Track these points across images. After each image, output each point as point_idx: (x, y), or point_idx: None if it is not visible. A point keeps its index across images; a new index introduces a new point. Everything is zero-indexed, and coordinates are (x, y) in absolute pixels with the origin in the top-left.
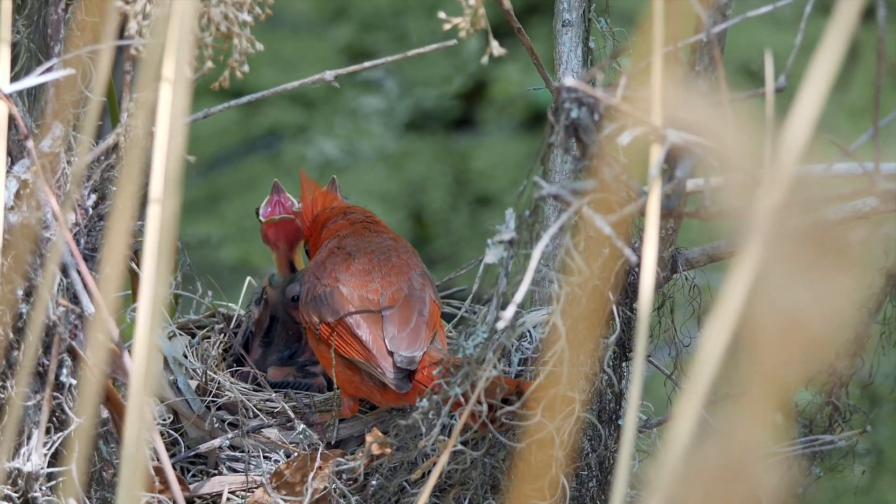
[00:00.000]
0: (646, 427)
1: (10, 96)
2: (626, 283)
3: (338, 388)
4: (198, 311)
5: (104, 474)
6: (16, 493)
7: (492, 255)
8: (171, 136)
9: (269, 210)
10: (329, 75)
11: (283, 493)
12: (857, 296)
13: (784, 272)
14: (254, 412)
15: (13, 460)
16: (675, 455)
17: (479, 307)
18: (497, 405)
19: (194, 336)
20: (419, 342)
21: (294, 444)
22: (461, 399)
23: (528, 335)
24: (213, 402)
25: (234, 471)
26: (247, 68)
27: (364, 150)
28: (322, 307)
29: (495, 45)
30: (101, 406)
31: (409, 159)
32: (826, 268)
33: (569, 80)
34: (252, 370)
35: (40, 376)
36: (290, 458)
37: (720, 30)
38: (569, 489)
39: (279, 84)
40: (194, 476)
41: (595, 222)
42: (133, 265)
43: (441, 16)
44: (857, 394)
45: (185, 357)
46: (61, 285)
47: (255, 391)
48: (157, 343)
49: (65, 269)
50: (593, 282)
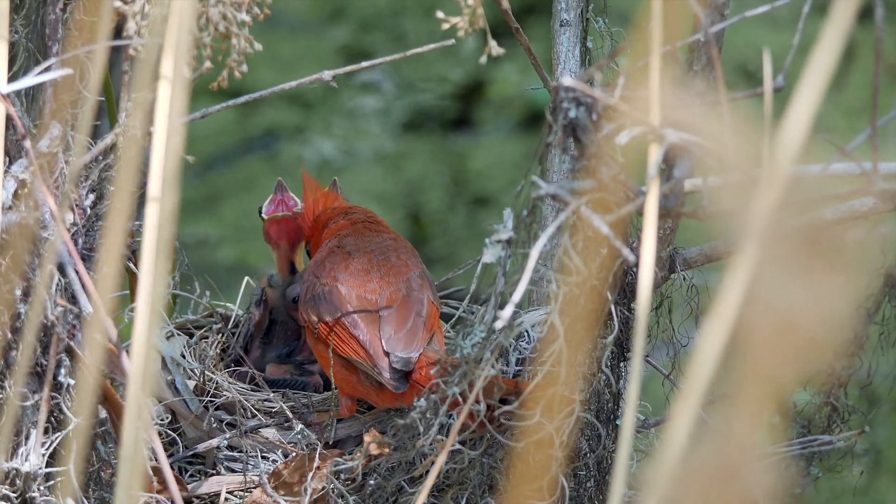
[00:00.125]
0: (644, 427)
1: (8, 96)
2: (624, 282)
3: (336, 387)
4: (196, 312)
5: (102, 474)
6: (14, 492)
7: (490, 254)
8: (169, 135)
9: (273, 208)
10: (327, 75)
11: (282, 492)
12: (853, 296)
13: (780, 272)
14: (252, 412)
15: (11, 460)
16: (673, 455)
17: (477, 307)
18: (495, 405)
19: (192, 336)
20: (416, 343)
21: (292, 443)
22: (459, 399)
23: (526, 335)
24: (211, 402)
25: (233, 471)
26: (245, 68)
27: (362, 151)
28: (321, 306)
29: (493, 44)
30: (100, 406)
31: (406, 159)
32: (822, 268)
33: (567, 80)
34: (250, 370)
35: (38, 376)
36: (288, 458)
37: (718, 30)
38: (567, 489)
39: (277, 84)
40: (192, 476)
41: (593, 222)
42: (131, 265)
43: (439, 15)
44: (855, 394)
45: (183, 357)
46: (59, 285)
47: (253, 391)
48: (155, 343)
49: (63, 269)
50: (591, 282)
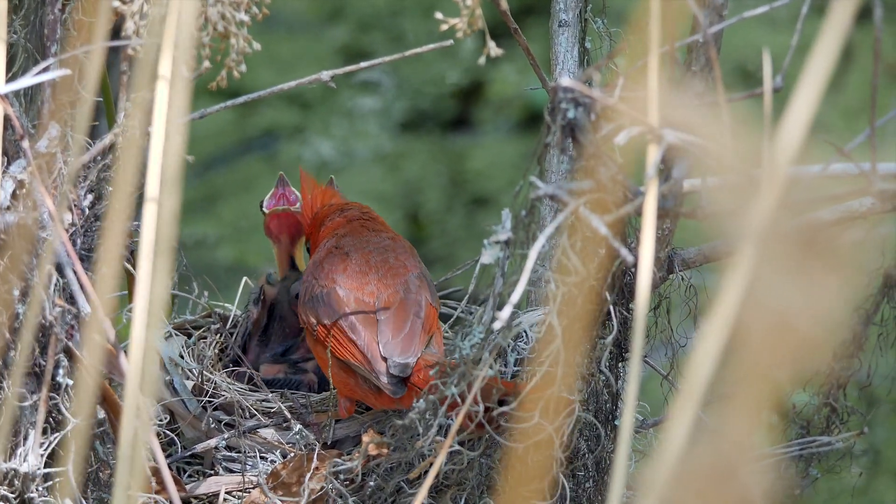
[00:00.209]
0: (642, 427)
1: (6, 96)
2: (622, 283)
3: (334, 388)
4: (194, 312)
5: (100, 475)
6: (12, 493)
7: (488, 255)
8: (170, 135)
9: (274, 202)
10: (325, 75)
11: (280, 493)
12: (851, 297)
13: (778, 272)
14: (250, 412)
15: (10, 461)
16: (672, 456)
17: (476, 307)
18: (493, 406)
19: (190, 336)
20: (413, 347)
21: (291, 444)
22: (458, 400)
23: (525, 335)
24: (210, 402)
25: (231, 471)
26: (244, 68)
27: (360, 151)
28: (319, 308)
29: (492, 45)
30: (98, 406)
31: (405, 160)
32: (820, 268)
33: (565, 81)
34: (249, 370)
35: (36, 377)
36: (286, 459)
37: (716, 30)
38: (566, 489)
39: (276, 84)
40: (191, 476)
41: (591, 222)
42: (128, 266)
43: (438, 16)
44: (854, 395)
45: (182, 357)
46: (57, 285)
47: (251, 391)
48: (155, 345)
49: (61, 270)
50: (590, 282)
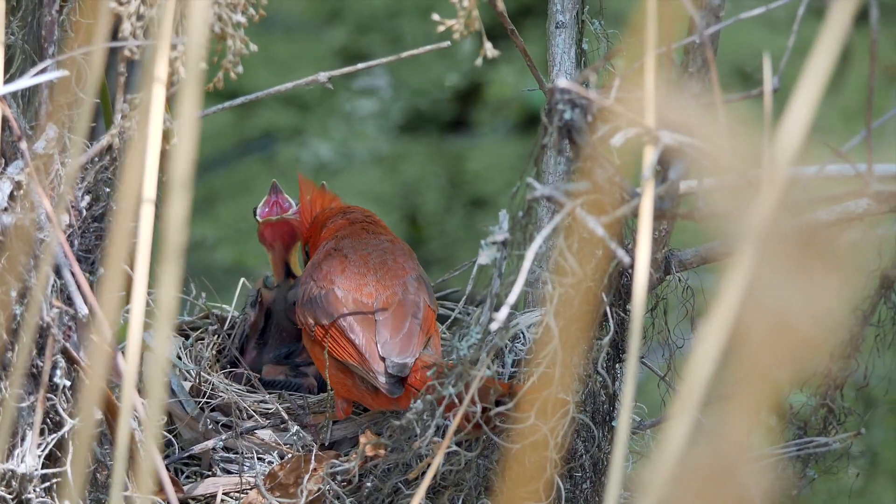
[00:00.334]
0: (639, 428)
1: (4, 97)
2: (619, 284)
3: (331, 389)
4: (192, 313)
5: (98, 476)
6: (10, 494)
7: (485, 256)
8: (180, 138)
9: (267, 210)
10: (323, 77)
11: (278, 494)
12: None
13: (776, 273)
14: (248, 413)
15: (7, 462)
16: (669, 457)
17: (473, 308)
18: (490, 406)
19: (188, 337)
20: (411, 348)
21: (288, 445)
22: (455, 400)
23: (522, 336)
24: (207, 403)
25: (228, 472)
26: (241, 69)
27: (358, 153)
28: (317, 309)
29: (489, 46)
30: (95, 407)
31: (403, 161)
32: (818, 269)
33: (562, 82)
34: (246, 371)
35: (34, 378)
36: (284, 460)
37: (713, 31)
38: (563, 490)
39: (274, 86)
40: (188, 477)
41: (588, 224)
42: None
43: (435, 18)
44: (851, 396)
45: (179, 358)
46: (55, 286)
47: (249, 392)
48: (166, 355)
49: (59, 271)
50: (587, 283)
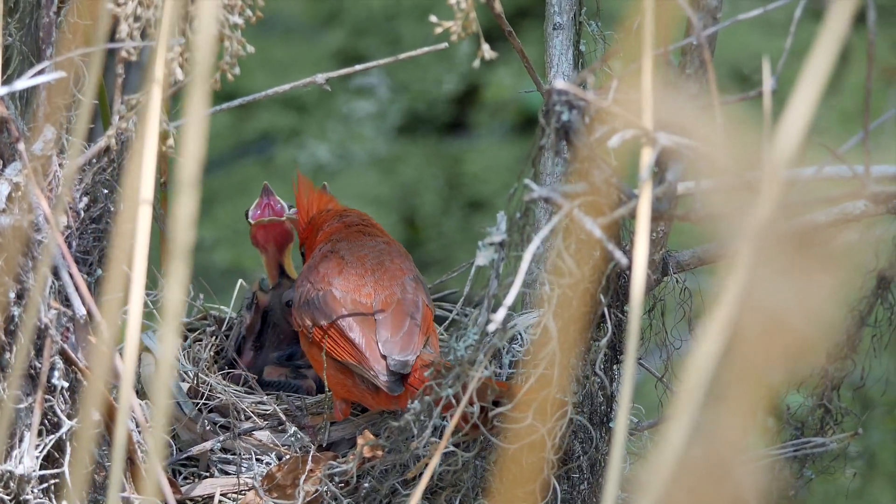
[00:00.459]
0: (637, 429)
1: (2, 99)
2: (617, 285)
3: (329, 390)
4: (189, 314)
5: (96, 477)
6: (7, 495)
7: (483, 257)
8: (191, 136)
9: (259, 212)
10: (320, 78)
11: (275, 495)
12: (844, 297)
13: (772, 274)
14: (245, 415)
15: (5, 463)
16: (667, 458)
17: (471, 309)
18: (488, 407)
19: (186, 339)
20: (412, 346)
21: (286, 446)
22: (452, 401)
23: (520, 337)
24: (205, 404)
25: (226, 473)
26: (238, 71)
27: (356, 154)
28: (315, 310)
29: (486, 48)
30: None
31: (401, 163)
32: (814, 270)
33: (559, 83)
34: (244, 373)
35: (32, 379)
36: (281, 461)
37: (711, 33)
38: (560, 491)
39: (271, 88)
40: (186, 478)
41: (586, 225)
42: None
43: (432, 20)
44: (848, 397)
45: (177, 360)
46: (53, 288)
47: (246, 394)
48: (171, 358)
49: (57, 272)
50: (584, 284)
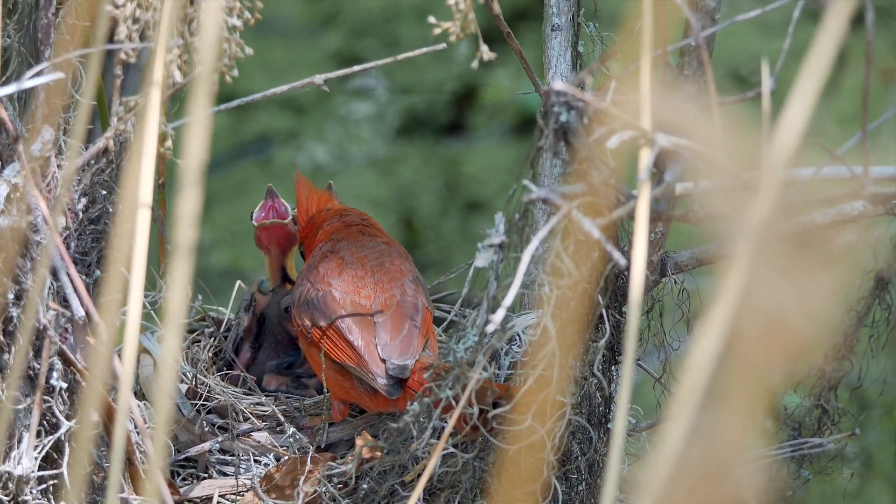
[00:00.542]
0: (635, 430)
1: (0, 100)
2: (615, 286)
3: (328, 391)
4: (188, 316)
5: (94, 478)
6: (6, 496)
7: (482, 258)
8: (194, 134)
9: (263, 214)
10: (319, 79)
11: (274, 496)
12: (842, 298)
13: (770, 274)
14: (244, 416)
15: (4, 464)
16: (665, 459)
17: (470, 311)
18: (487, 408)
19: (185, 340)
20: (411, 350)
21: (284, 447)
22: (452, 402)
23: (518, 338)
24: (204, 405)
25: (225, 474)
26: (236, 73)
27: (354, 156)
28: (314, 311)
29: (485, 48)
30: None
31: (399, 164)
32: (812, 270)
33: (558, 84)
34: (242, 374)
35: (31, 380)
36: (280, 462)
37: (709, 34)
38: (559, 492)
39: (270, 89)
40: (184, 480)
41: (584, 226)
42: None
43: (431, 20)
44: (845, 397)
45: (176, 361)
46: (52, 289)
47: (245, 395)
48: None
49: (55, 273)
50: (583, 285)
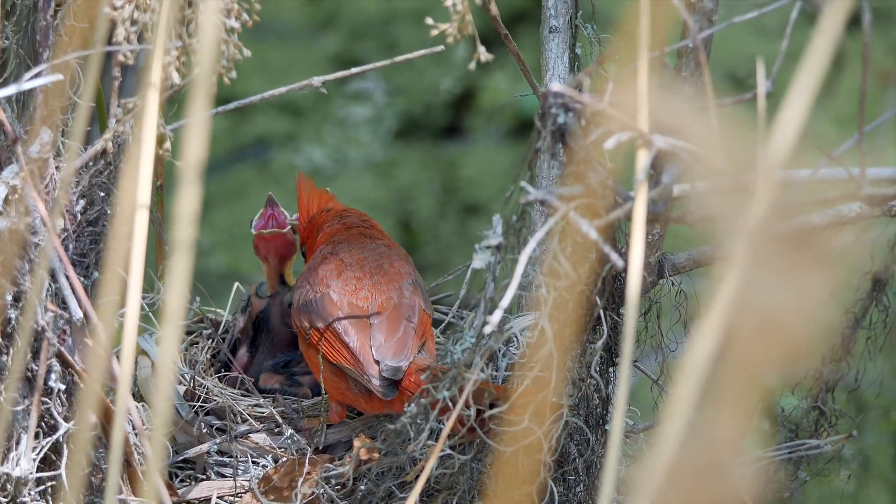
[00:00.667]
0: (632, 432)
1: None
2: (612, 287)
3: (326, 393)
4: (186, 317)
5: (93, 479)
6: (5, 497)
7: (479, 260)
8: (191, 137)
9: (262, 223)
10: (316, 81)
11: (272, 498)
12: (839, 300)
13: (767, 276)
14: (242, 417)
15: (2, 465)
16: (662, 460)
17: (467, 312)
18: (484, 410)
19: (182, 342)
20: (406, 352)
21: (282, 449)
22: (449, 404)
23: (516, 340)
24: (202, 407)
25: (223, 476)
26: (234, 74)
27: (352, 159)
28: (312, 312)
29: (482, 50)
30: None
31: (397, 167)
32: (809, 271)
33: (555, 86)
34: (240, 375)
35: (29, 381)
36: (278, 464)
37: (706, 35)
38: (556, 494)
39: (268, 91)
40: (182, 481)
41: (581, 227)
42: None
43: (428, 22)
44: (843, 399)
45: (174, 362)
46: (50, 290)
47: (243, 396)
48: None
49: (53, 275)
50: (580, 287)
